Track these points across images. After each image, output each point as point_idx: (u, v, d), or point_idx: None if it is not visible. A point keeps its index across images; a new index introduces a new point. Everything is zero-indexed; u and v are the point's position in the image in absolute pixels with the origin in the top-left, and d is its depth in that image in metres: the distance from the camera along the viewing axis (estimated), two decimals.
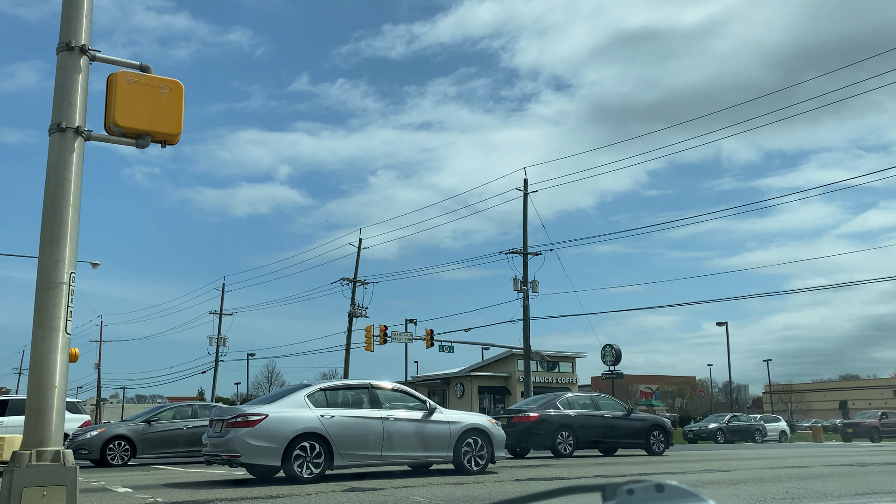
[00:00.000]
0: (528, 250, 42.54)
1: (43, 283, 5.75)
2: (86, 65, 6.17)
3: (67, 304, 5.77)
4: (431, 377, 79.07)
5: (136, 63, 6.42)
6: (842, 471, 14.44)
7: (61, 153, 5.94)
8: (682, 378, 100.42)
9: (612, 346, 56.13)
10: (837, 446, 31.93)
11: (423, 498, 9.88)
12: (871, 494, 10.54)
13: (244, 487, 11.70)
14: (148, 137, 6.33)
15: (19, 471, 5.31)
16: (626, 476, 13.20)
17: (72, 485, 5.45)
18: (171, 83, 6.45)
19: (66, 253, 5.83)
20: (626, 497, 1.34)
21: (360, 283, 51.81)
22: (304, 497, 10.06)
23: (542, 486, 11.50)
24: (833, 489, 11.13)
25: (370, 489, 11.02)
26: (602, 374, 58.27)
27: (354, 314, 51.44)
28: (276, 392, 15.33)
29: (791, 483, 11.79)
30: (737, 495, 9.99)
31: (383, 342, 45.19)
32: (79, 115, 6.06)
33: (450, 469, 13.96)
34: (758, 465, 16.52)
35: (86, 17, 6.21)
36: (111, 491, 11.53)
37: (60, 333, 5.71)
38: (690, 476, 13.44)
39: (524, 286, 42.01)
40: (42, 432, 5.53)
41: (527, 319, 42.44)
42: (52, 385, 5.61)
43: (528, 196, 42.59)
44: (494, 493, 10.59)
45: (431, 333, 46.29)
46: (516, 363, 67.97)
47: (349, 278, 52.04)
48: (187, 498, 10.23)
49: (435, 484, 11.82)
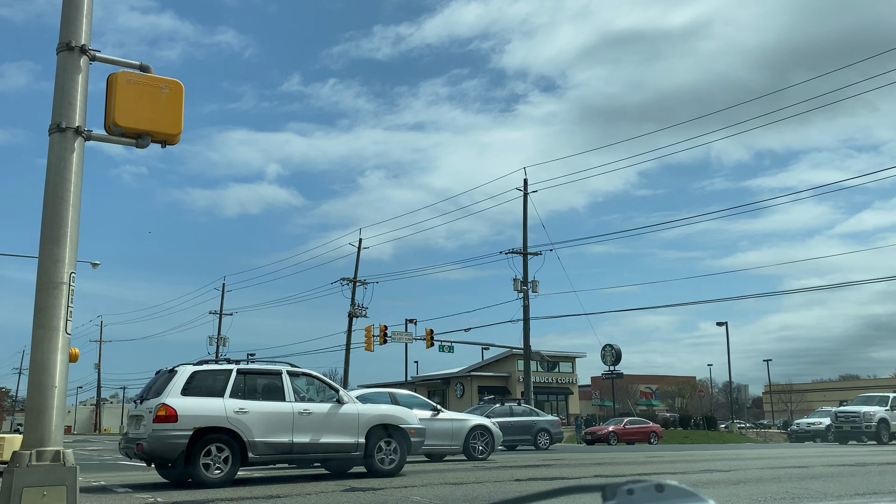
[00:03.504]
0: (528, 250, 42.55)
1: (43, 283, 5.75)
2: (86, 65, 6.17)
3: (67, 305, 5.77)
4: (431, 377, 79.07)
5: (136, 63, 6.42)
6: (842, 471, 14.44)
7: (61, 153, 5.94)
8: (682, 378, 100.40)
9: (613, 347, 56.08)
10: (837, 446, 32.00)
11: (422, 498, 9.88)
12: (871, 494, 10.54)
13: (244, 487, 11.70)
14: (148, 137, 6.33)
15: (19, 471, 5.31)
16: (626, 476, 13.21)
17: (72, 485, 5.45)
18: (171, 83, 6.45)
19: (66, 253, 5.83)
20: (626, 497, 1.34)
21: (359, 284, 51.84)
22: (304, 497, 10.06)
23: (542, 486, 11.50)
24: (833, 489, 11.13)
25: (370, 489, 11.02)
26: (602, 374, 58.25)
27: (354, 314, 51.45)
28: None
29: (791, 483, 11.79)
30: (737, 495, 9.98)
31: (383, 342, 45.20)
32: (79, 115, 6.06)
33: (449, 467, 13.92)
34: (758, 465, 16.51)
35: (86, 17, 6.21)
36: (111, 491, 11.53)
37: (60, 333, 5.71)
38: (690, 476, 13.44)
39: (524, 286, 42.01)
40: (42, 432, 5.53)
41: (527, 319, 42.45)
42: (52, 385, 5.61)
43: (527, 196, 42.60)
44: (494, 493, 10.59)
45: (431, 333, 46.29)
46: (516, 363, 67.99)
47: (349, 278, 52.06)
48: (187, 498, 10.23)
49: (435, 484, 11.82)
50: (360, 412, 13.56)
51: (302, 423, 12.90)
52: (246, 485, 12.21)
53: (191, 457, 11.95)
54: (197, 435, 12.03)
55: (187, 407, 12.19)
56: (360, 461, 13.60)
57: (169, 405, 12.09)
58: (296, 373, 13.50)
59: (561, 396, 77.97)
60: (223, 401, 12.50)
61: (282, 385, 13.14)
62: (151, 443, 11.95)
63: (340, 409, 13.38)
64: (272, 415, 12.69)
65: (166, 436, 11.92)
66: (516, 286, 42.27)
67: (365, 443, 13.37)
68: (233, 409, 12.41)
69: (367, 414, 13.65)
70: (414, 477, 13.29)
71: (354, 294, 51.82)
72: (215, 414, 12.30)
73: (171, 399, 12.18)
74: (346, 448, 13.26)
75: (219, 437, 12.20)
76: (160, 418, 12.00)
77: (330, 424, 13.19)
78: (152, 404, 12.24)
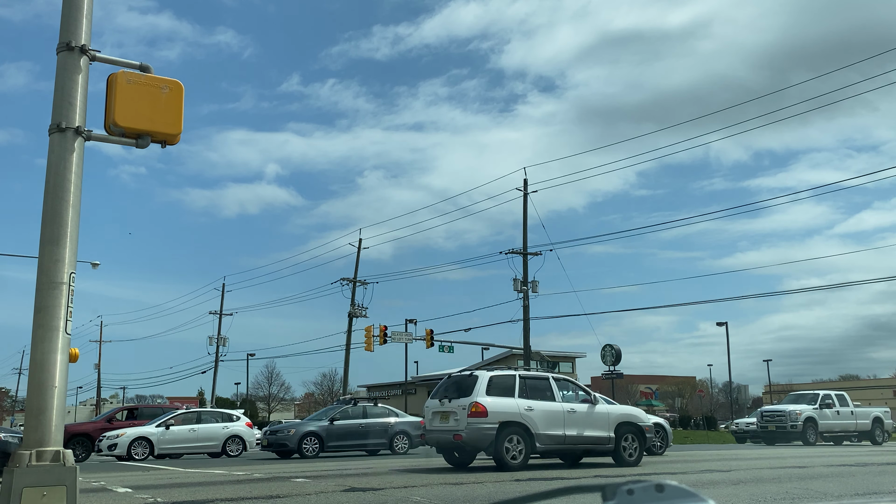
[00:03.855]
0: (528, 250, 42.54)
1: (43, 283, 5.74)
2: (86, 65, 6.16)
3: (67, 305, 5.77)
4: (431, 377, 79.01)
5: (136, 63, 6.42)
6: (842, 471, 14.44)
7: (61, 153, 5.94)
8: (682, 378, 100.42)
9: (612, 347, 56.12)
10: (837, 446, 31.90)
11: (422, 498, 9.88)
12: (871, 494, 10.54)
13: (244, 487, 11.70)
14: (148, 137, 6.32)
15: (19, 471, 5.31)
16: (626, 476, 13.21)
17: (72, 485, 5.45)
18: (172, 83, 6.45)
19: (66, 253, 5.82)
20: (626, 497, 1.34)
21: (359, 284, 51.83)
22: (304, 497, 10.06)
23: (542, 487, 11.50)
24: (833, 489, 11.13)
25: (370, 489, 11.02)
26: (602, 374, 58.24)
27: (354, 314, 51.44)
28: None
29: (791, 483, 11.79)
30: (737, 495, 9.98)
31: (383, 342, 45.18)
32: (79, 115, 6.05)
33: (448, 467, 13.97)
34: (758, 465, 16.51)
35: (86, 17, 6.20)
36: (111, 491, 11.53)
37: (60, 333, 5.70)
38: (690, 476, 13.44)
39: (524, 286, 42.01)
40: (42, 432, 5.53)
41: (527, 319, 42.46)
42: (52, 385, 5.61)
43: (528, 196, 42.59)
44: (494, 493, 10.59)
45: (431, 333, 46.27)
46: (516, 363, 67.95)
47: (349, 278, 52.05)
48: (187, 498, 10.23)
49: (435, 484, 11.81)
50: (609, 411, 16.28)
51: (570, 419, 15.56)
52: (246, 485, 12.21)
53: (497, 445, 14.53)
54: (500, 427, 14.62)
55: (493, 404, 14.90)
56: (610, 453, 16.06)
57: (480, 403, 14.78)
58: (558, 378, 16.39)
59: None
60: (515, 400, 15.22)
61: (551, 388, 15.80)
62: (469, 433, 14.62)
63: (595, 409, 16.04)
64: (549, 412, 15.36)
65: (480, 428, 14.60)
66: (516, 286, 42.27)
67: (614, 437, 15.96)
68: (523, 407, 15.12)
69: (614, 413, 16.38)
70: (414, 477, 13.30)
71: (354, 294, 51.83)
72: (512, 410, 15.00)
73: (480, 398, 14.86)
74: (601, 441, 15.88)
75: (516, 429, 14.82)
76: (474, 413, 14.70)
77: (589, 421, 15.79)
78: (465, 402, 14.90)
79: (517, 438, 14.69)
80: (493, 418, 14.62)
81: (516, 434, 14.71)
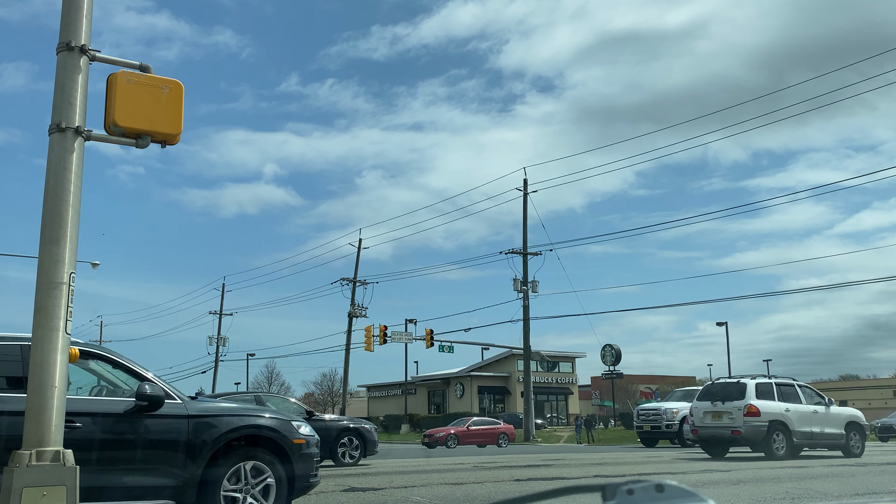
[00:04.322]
0: (527, 250, 42.55)
1: (43, 283, 5.74)
2: (86, 65, 6.16)
3: (67, 305, 5.76)
4: (431, 377, 79.06)
5: (136, 63, 6.41)
6: (842, 471, 14.44)
7: (61, 153, 5.93)
8: (682, 378, 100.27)
9: (612, 347, 56.05)
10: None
11: (422, 498, 9.88)
12: (871, 494, 10.54)
13: None
14: (148, 137, 6.32)
15: (19, 471, 5.31)
16: (626, 476, 13.20)
17: (72, 485, 5.44)
18: (172, 83, 6.45)
19: (66, 253, 5.82)
20: (626, 497, 1.34)
21: (359, 284, 51.85)
22: (304, 497, 10.05)
23: (542, 486, 11.50)
24: (833, 489, 11.13)
25: (370, 489, 11.02)
26: (602, 374, 58.24)
27: (354, 314, 51.47)
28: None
29: (791, 483, 11.79)
30: (737, 495, 9.99)
31: (383, 342, 45.20)
32: (79, 115, 6.05)
33: (446, 467, 13.94)
34: (757, 465, 16.51)
35: (86, 17, 6.20)
36: None
37: (60, 333, 5.70)
38: (690, 476, 13.44)
39: (524, 286, 42.02)
40: (42, 432, 5.53)
41: (527, 319, 42.46)
42: (52, 385, 5.61)
43: (527, 196, 42.60)
44: (494, 493, 10.59)
45: (431, 333, 46.29)
46: (516, 363, 67.93)
47: (349, 278, 52.08)
48: None
49: (435, 484, 11.82)
50: (839, 412, 19.90)
51: (815, 419, 19.08)
52: None
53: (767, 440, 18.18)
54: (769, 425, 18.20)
55: (763, 406, 18.38)
56: (841, 447, 19.57)
57: (754, 405, 18.32)
58: (801, 384, 19.85)
59: (561, 396, 78.00)
60: (776, 403, 18.69)
61: (797, 392, 19.40)
62: (746, 431, 18.25)
63: (830, 410, 19.56)
64: (801, 413, 18.89)
65: (756, 425, 18.21)
66: (516, 286, 42.29)
67: (844, 434, 19.51)
68: (783, 409, 18.66)
69: (843, 413, 20.07)
70: (414, 477, 13.30)
71: (354, 294, 51.87)
72: (776, 411, 18.52)
73: (753, 401, 18.40)
74: (836, 437, 19.43)
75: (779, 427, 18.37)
76: (750, 413, 18.26)
77: (827, 420, 19.32)
78: (740, 405, 18.47)
79: (780, 435, 18.25)
80: (764, 418, 18.16)
81: (780, 431, 18.28)
